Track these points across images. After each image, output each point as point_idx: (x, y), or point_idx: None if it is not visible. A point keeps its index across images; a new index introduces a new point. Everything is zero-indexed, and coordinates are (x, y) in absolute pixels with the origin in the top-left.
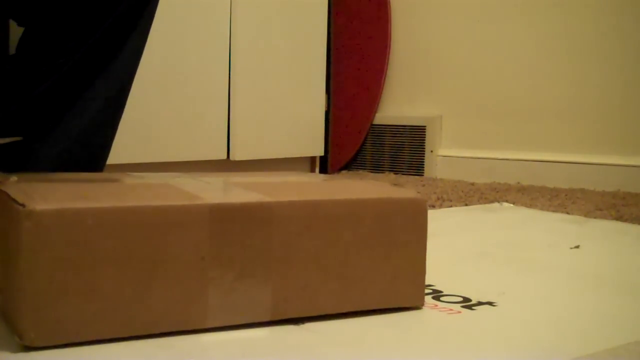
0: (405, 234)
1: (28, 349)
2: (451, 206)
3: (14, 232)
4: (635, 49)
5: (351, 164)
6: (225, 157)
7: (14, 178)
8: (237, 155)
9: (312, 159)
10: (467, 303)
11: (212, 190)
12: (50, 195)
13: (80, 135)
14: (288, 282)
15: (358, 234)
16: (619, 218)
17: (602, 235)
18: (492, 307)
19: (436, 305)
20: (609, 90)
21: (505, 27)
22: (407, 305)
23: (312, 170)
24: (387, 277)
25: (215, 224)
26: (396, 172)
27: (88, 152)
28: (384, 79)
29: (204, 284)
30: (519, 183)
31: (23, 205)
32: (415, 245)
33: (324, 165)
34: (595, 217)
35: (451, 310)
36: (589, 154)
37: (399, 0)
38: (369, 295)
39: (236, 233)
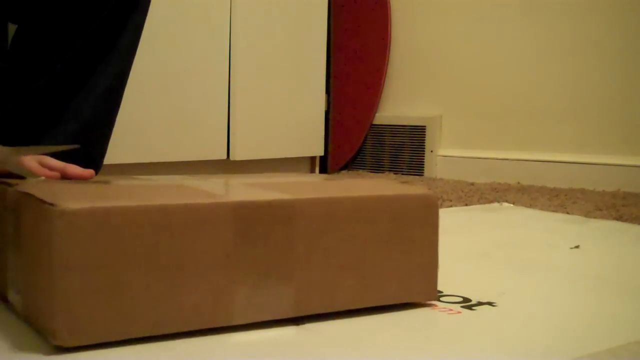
0: (418, 229)
1: (59, 349)
2: (451, 206)
3: (43, 232)
4: (635, 49)
5: (351, 164)
6: (225, 157)
7: (40, 178)
8: (237, 155)
9: (312, 159)
10: (467, 303)
11: (232, 190)
12: (78, 195)
13: (78, 133)
14: (309, 278)
15: (375, 230)
16: (619, 218)
17: (602, 235)
18: (492, 307)
19: (436, 306)
20: (609, 90)
21: (505, 27)
22: (420, 301)
23: (312, 170)
24: (401, 272)
25: (239, 221)
26: (396, 172)
27: (86, 150)
28: (384, 79)
29: (229, 282)
30: (519, 183)
31: (53, 204)
32: (427, 241)
33: (324, 165)
34: (595, 217)
35: (451, 310)
36: (589, 154)
37: (399, 0)
38: (385, 291)
39: (259, 230)
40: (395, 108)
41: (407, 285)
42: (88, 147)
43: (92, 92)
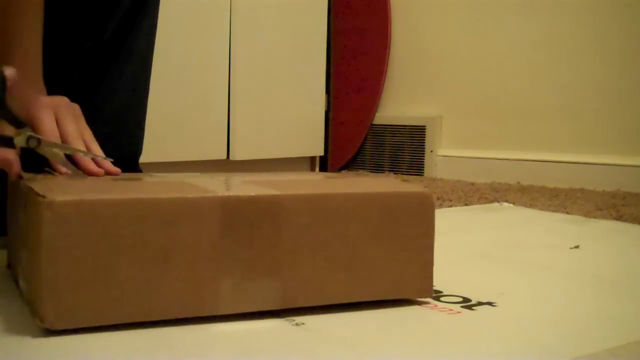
0: (413, 227)
1: (48, 331)
2: (451, 206)
3: (36, 222)
4: (635, 49)
5: (351, 164)
6: (225, 157)
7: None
8: (237, 155)
9: (312, 158)
10: (467, 303)
11: (225, 185)
12: (70, 188)
13: (115, 116)
14: (296, 272)
15: (366, 226)
16: (619, 218)
17: (602, 235)
18: (492, 307)
19: (436, 306)
20: (609, 90)
21: (505, 27)
22: (414, 297)
23: (312, 170)
24: (395, 268)
25: (226, 215)
26: (396, 172)
27: (126, 133)
28: (384, 79)
29: (215, 273)
30: (519, 183)
31: (44, 196)
32: (422, 239)
33: (324, 165)
34: (595, 217)
35: (451, 310)
36: (589, 154)
37: (399, 0)
38: (377, 286)
39: (245, 225)
40: (395, 108)
41: (401, 282)
42: (127, 128)
43: (123, 75)
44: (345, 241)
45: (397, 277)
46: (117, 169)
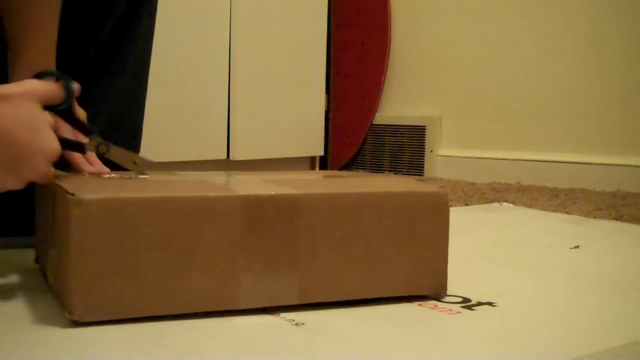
0: (428, 225)
1: (76, 324)
2: (451, 206)
3: (65, 219)
4: (635, 49)
5: (351, 164)
6: (225, 157)
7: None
8: (237, 155)
9: (312, 159)
10: (467, 303)
11: (245, 184)
12: (98, 187)
13: (112, 117)
14: (314, 269)
15: (382, 224)
16: (619, 218)
17: (602, 235)
18: (492, 307)
19: (436, 306)
20: (608, 90)
21: (505, 27)
22: (428, 294)
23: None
24: (409, 266)
25: (246, 214)
26: (396, 172)
27: (123, 133)
28: (384, 79)
29: (236, 269)
30: (519, 183)
31: (73, 194)
32: (437, 237)
33: (324, 165)
34: (595, 217)
35: (451, 310)
36: (589, 154)
37: (399, 0)
38: (392, 283)
39: (265, 223)
40: (395, 108)
41: (416, 279)
42: (124, 130)
43: (120, 76)
44: (361, 239)
45: (412, 274)
46: (107, 169)
